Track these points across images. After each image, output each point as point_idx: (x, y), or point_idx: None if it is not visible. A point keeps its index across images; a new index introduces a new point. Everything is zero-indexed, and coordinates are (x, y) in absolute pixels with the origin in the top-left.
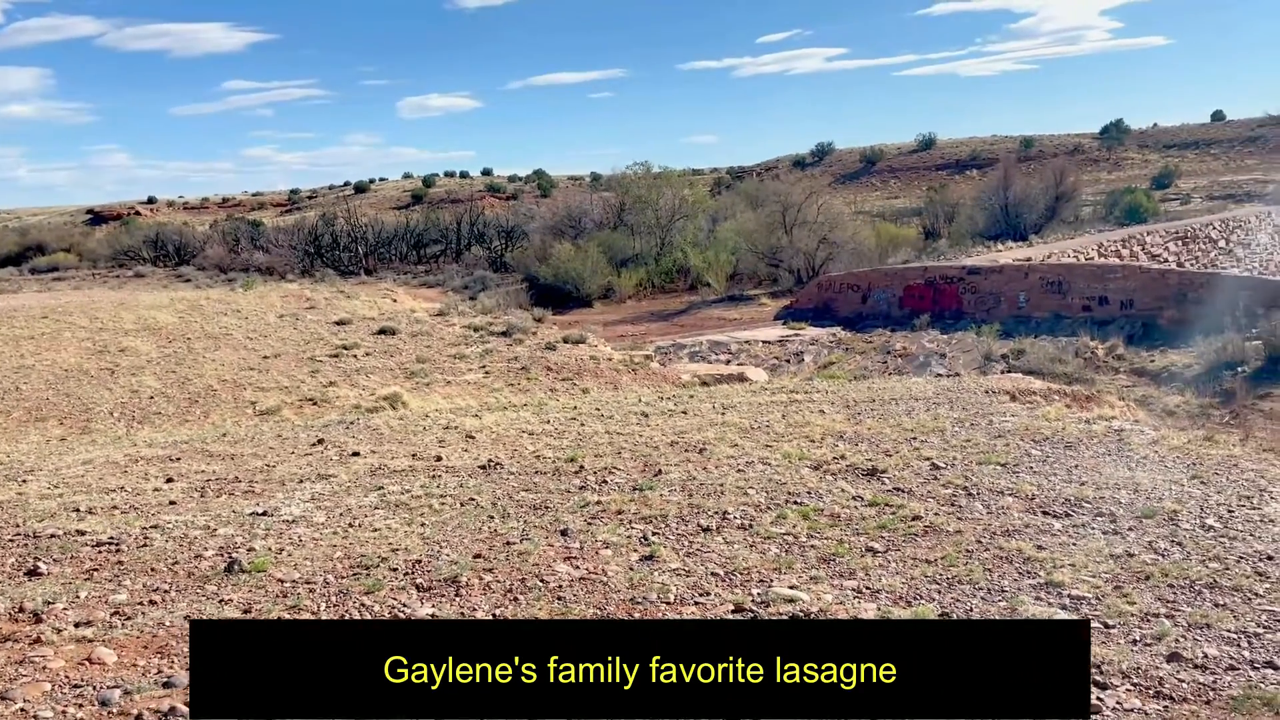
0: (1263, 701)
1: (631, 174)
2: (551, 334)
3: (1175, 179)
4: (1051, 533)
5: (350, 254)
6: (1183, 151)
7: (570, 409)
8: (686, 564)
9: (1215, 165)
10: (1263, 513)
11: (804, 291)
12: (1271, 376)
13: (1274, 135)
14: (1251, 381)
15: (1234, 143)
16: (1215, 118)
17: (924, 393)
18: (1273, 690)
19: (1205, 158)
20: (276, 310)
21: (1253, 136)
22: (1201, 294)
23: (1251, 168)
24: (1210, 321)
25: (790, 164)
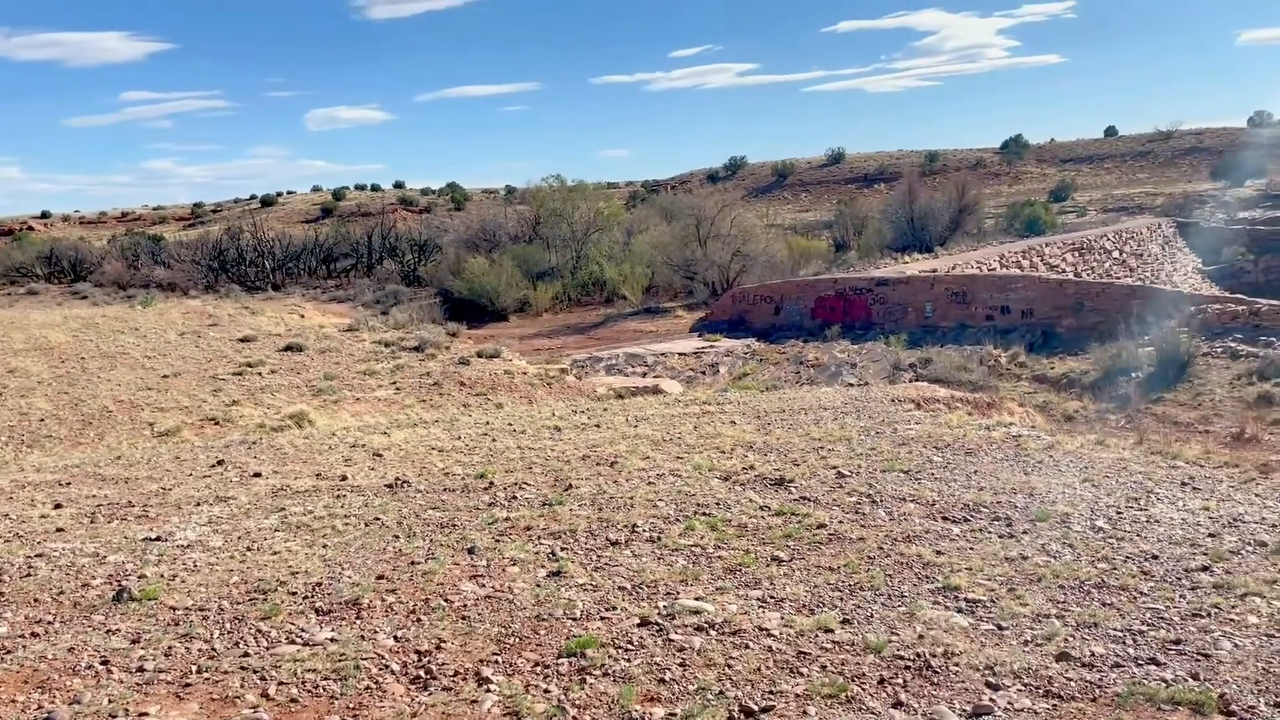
0: (1145, 697)
1: (546, 187)
2: (465, 348)
3: (1072, 192)
4: (950, 537)
5: (257, 269)
6: (1078, 166)
7: (482, 424)
8: (594, 579)
9: (1109, 179)
10: (1149, 514)
11: (719, 304)
12: (1163, 382)
13: (1163, 150)
14: (1144, 387)
15: (1126, 157)
16: (1108, 133)
17: (833, 402)
18: (1155, 686)
19: (1099, 172)
20: (177, 328)
21: (1143, 151)
22: (1097, 303)
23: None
24: (1106, 329)
25: (704, 177)
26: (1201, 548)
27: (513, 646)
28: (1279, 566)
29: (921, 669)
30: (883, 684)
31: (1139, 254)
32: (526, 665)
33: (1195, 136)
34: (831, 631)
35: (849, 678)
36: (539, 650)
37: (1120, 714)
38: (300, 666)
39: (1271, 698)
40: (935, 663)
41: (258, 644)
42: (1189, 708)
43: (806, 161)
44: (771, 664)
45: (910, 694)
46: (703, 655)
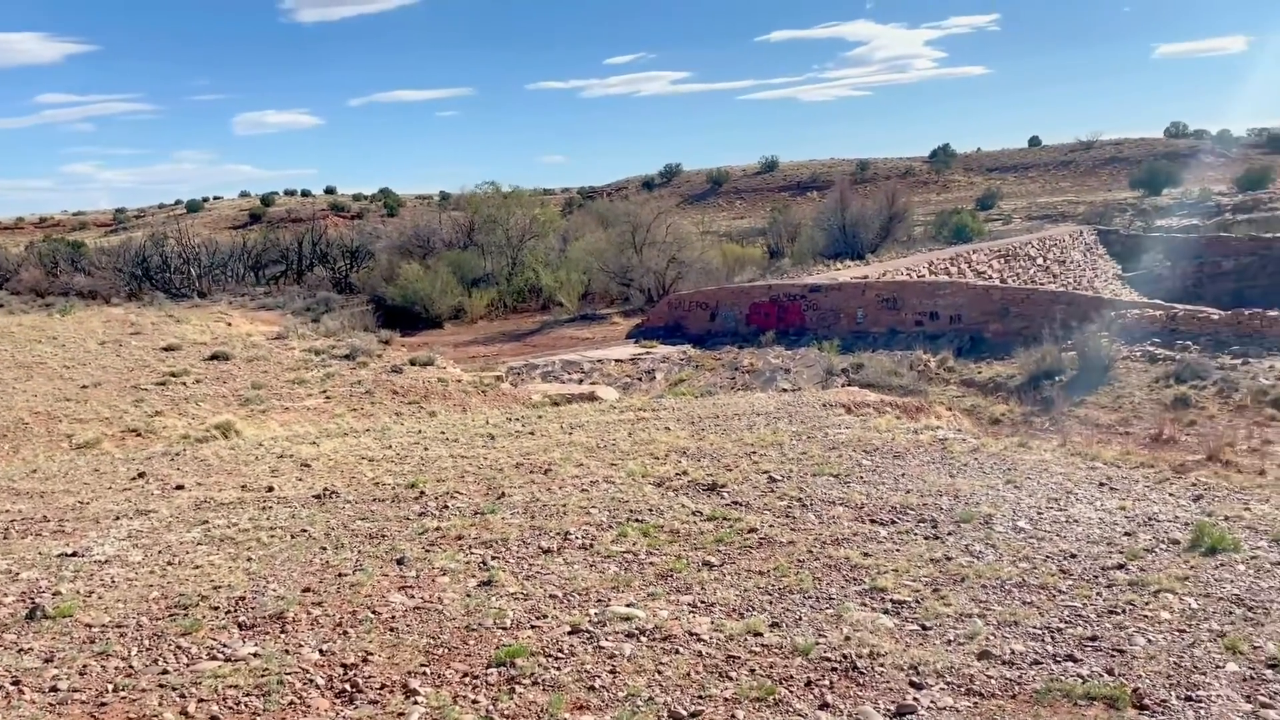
0: (1062, 693)
1: (481, 193)
2: (399, 356)
3: (998, 200)
4: (878, 540)
5: (182, 276)
6: (1004, 175)
7: (414, 433)
8: (525, 587)
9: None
10: (1068, 513)
11: (655, 310)
12: (1085, 385)
13: (1084, 160)
14: (1068, 390)
15: (1049, 166)
16: (1032, 143)
17: (766, 407)
18: (1072, 682)
19: (1024, 180)
20: (98, 336)
21: (1066, 161)
22: (1023, 309)
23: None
24: (1031, 334)
25: (640, 184)
26: (1118, 546)
27: (441, 657)
28: (1190, 564)
29: (848, 670)
30: (810, 686)
31: (1062, 261)
32: (455, 676)
33: (1115, 147)
34: (761, 635)
35: (777, 680)
36: (468, 660)
37: (1038, 710)
38: (221, 683)
39: (1182, 691)
40: (861, 663)
41: (177, 661)
42: (1104, 702)
43: (741, 169)
44: (701, 669)
45: (836, 695)
46: (633, 662)
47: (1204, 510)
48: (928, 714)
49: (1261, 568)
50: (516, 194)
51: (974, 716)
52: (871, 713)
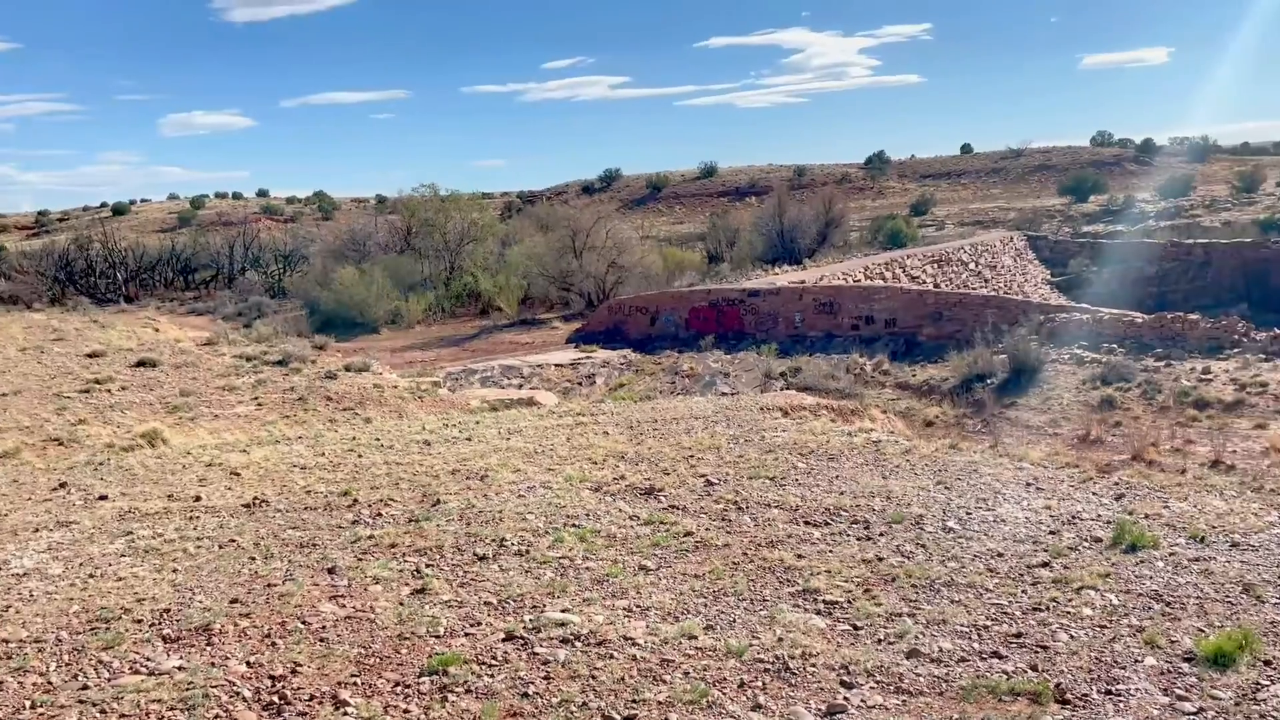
0: (988, 689)
1: (418, 197)
2: (333, 362)
3: (931, 206)
4: (811, 541)
5: (108, 280)
6: (937, 181)
7: (349, 440)
8: (460, 595)
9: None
10: (996, 513)
11: (595, 315)
12: (1015, 387)
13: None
14: (999, 392)
15: (980, 173)
16: (964, 150)
17: (704, 411)
18: (997, 679)
19: (956, 187)
20: (18, 343)
21: (996, 168)
22: (955, 313)
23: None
24: (963, 338)
25: (579, 189)
26: (1043, 545)
27: (373, 667)
28: (1112, 561)
29: (780, 671)
30: (743, 687)
31: (993, 266)
32: (386, 686)
33: (1043, 155)
34: (695, 638)
35: (710, 683)
36: (400, 670)
37: (965, 707)
38: (144, 697)
39: (1103, 685)
40: (793, 664)
41: (98, 675)
42: (1028, 698)
43: (680, 174)
44: (636, 673)
45: (769, 696)
46: (567, 667)
47: (1125, 509)
48: (858, 713)
49: (1179, 564)
50: (454, 198)
51: (902, 714)
52: (803, 713)
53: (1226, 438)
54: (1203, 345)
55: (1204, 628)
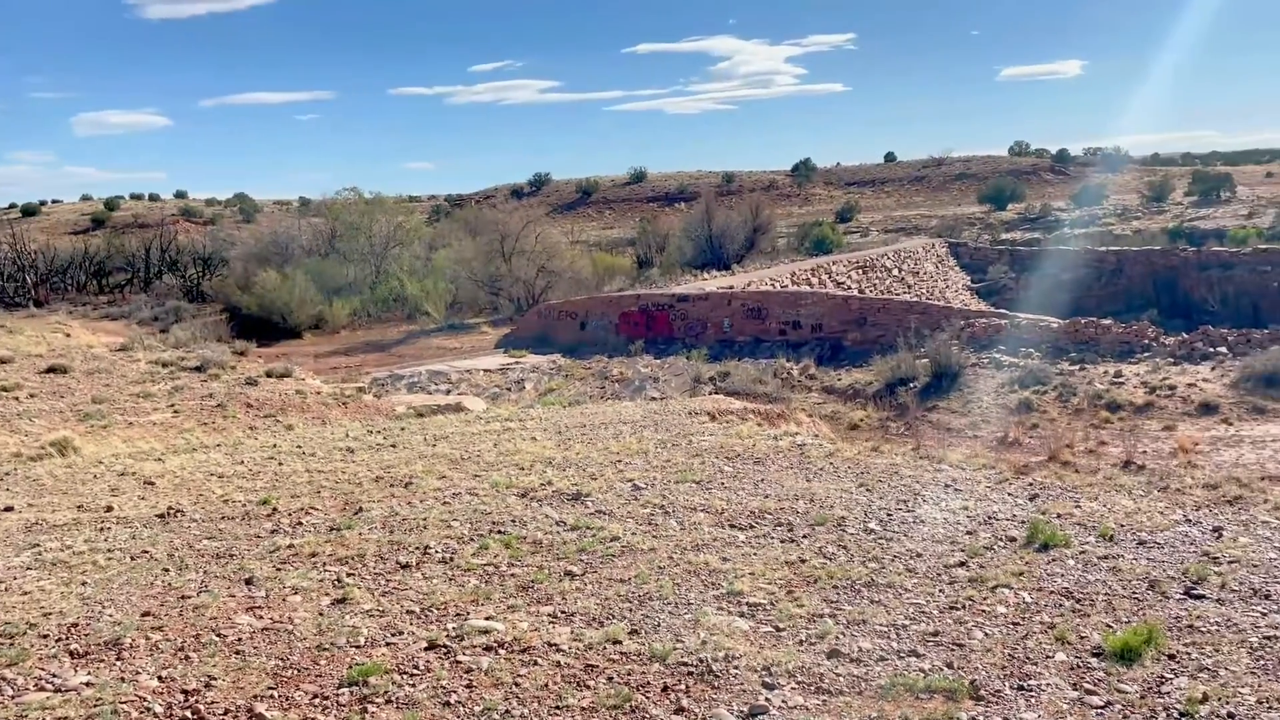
0: (905, 688)
1: (343, 199)
2: (254, 368)
3: (856, 213)
4: (736, 544)
5: (16, 284)
6: (862, 189)
7: (269, 448)
8: (381, 604)
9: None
10: (915, 515)
11: (524, 320)
12: (937, 390)
13: (936, 176)
14: (921, 395)
15: (904, 181)
16: (888, 159)
17: (632, 416)
18: (915, 677)
19: (880, 194)
20: None
21: (919, 176)
22: (879, 318)
23: (919, 204)
24: (887, 342)
25: (509, 193)
26: (960, 545)
27: (290, 679)
28: (1025, 560)
29: (703, 674)
30: (666, 691)
31: (916, 272)
32: (304, 698)
33: (964, 163)
34: (620, 643)
35: (634, 687)
36: (318, 681)
37: (883, 705)
38: (50, 715)
39: (1015, 681)
40: (716, 667)
41: (1, 694)
42: (943, 695)
43: (610, 179)
44: (559, 679)
45: (691, 699)
46: (490, 675)
47: (1039, 509)
48: (779, 713)
49: (1089, 562)
50: (380, 200)
51: (822, 714)
52: (725, 715)
53: (1137, 439)
54: (1115, 350)
55: (1112, 624)
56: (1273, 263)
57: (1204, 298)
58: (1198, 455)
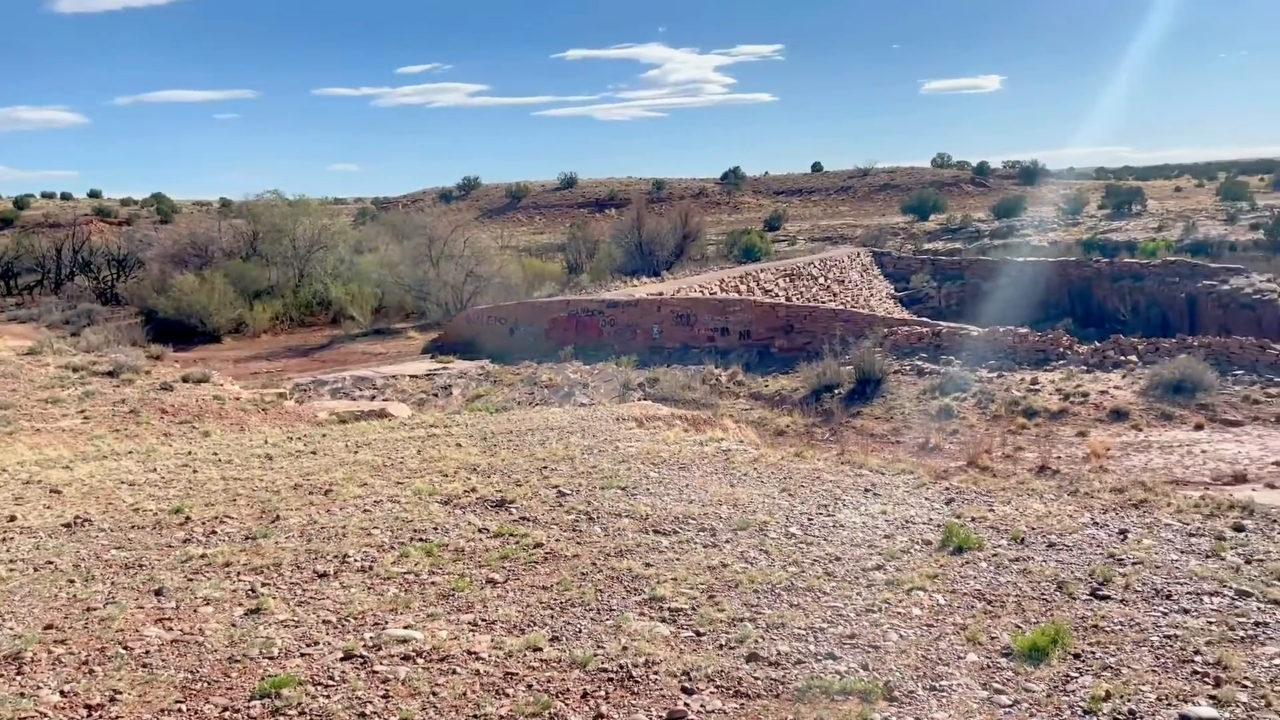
0: (822, 690)
1: (265, 201)
2: (170, 373)
3: (784, 222)
4: (660, 550)
5: None
6: (789, 198)
7: (184, 454)
8: (297, 614)
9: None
10: (836, 519)
11: (452, 325)
12: (861, 397)
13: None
14: (846, 402)
15: (830, 191)
16: (815, 169)
17: (560, 422)
18: (831, 679)
19: (808, 204)
20: None
21: (845, 186)
22: (805, 325)
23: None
24: (813, 349)
25: (437, 196)
26: (877, 548)
27: (199, 692)
28: (940, 562)
29: (624, 679)
30: (586, 698)
31: (841, 280)
32: (214, 711)
33: (888, 174)
34: (540, 650)
35: (554, 694)
36: (229, 694)
37: (799, 707)
38: None
39: (928, 682)
40: (637, 672)
41: None
42: (858, 697)
43: (540, 185)
44: (478, 687)
45: (611, 705)
46: (408, 685)
47: (954, 512)
48: (697, 718)
49: (1001, 564)
50: (304, 202)
51: (740, 717)
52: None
53: (1052, 444)
54: (1032, 357)
55: (1021, 624)
56: (1180, 274)
57: (1116, 308)
58: (1109, 460)
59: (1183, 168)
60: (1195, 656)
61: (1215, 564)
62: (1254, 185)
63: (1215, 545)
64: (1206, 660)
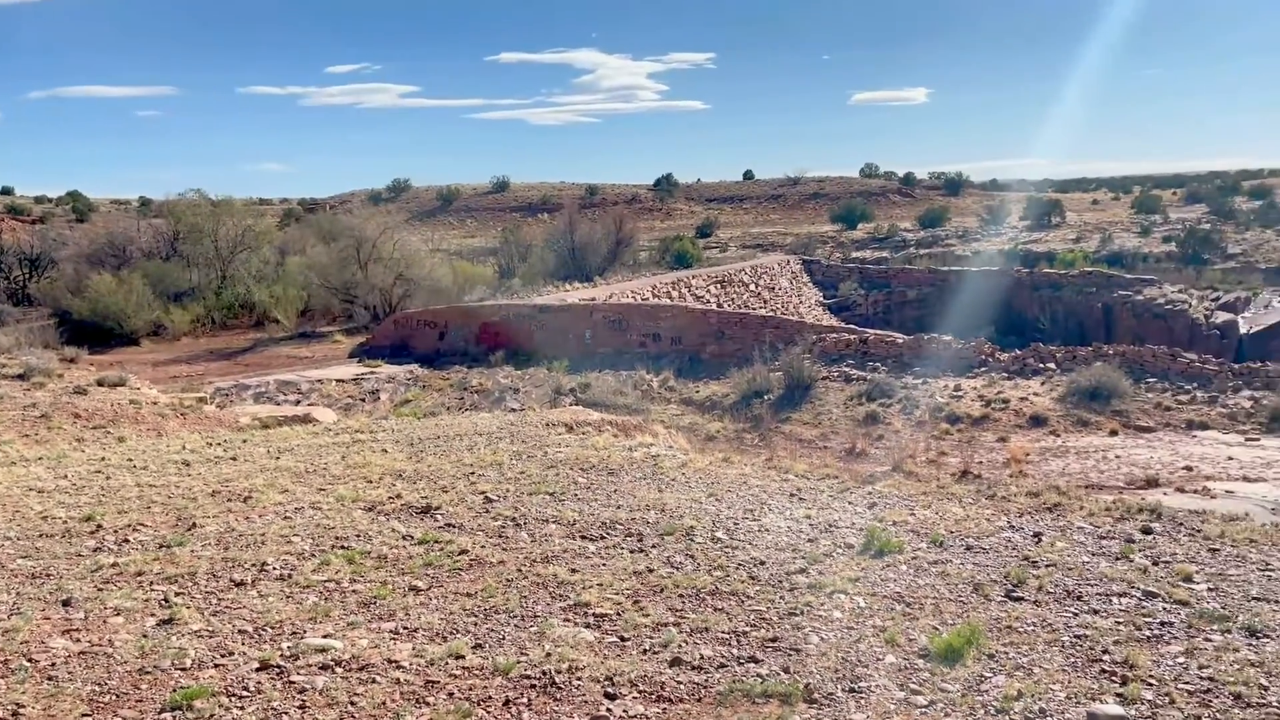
0: (743, 693)
1: (187, 200)
2: (84, 376)
3: (715, 229)
4: (586, 555)
5: None
6: (721, 205)
7: (97, 460)
8: (212, 624)
9: (747, 218)
10: (761, 523)
11: (381, 329)
12: (790, 403)
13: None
14: (775, 407)
15: (761, 199)
16: (746, 176)
17: (489, 428)
18: (752, 682)
19: (739, 211)
20: None
21: (776, 195)
22: (736, 331)
23: (775, 221)
24: (743, 355)
25: (366, 198)
26: (801, 552)
27: (107, 705)
28: (861, 566)
29: (546, 686)
30: (508, 705)
31: (772, 287)
32: None
33: (818, 183)
34: (463, 658)
35: (475, 702)
36: (138, 707)
37: (720, 711)
38: None
39: (847, 684)
40: (560, 679)
41: None
42: (779, 699)
43: (472, 188)
44: (398, 696)
45: (533, 712)
46: (325, 695)
47: (877, 516)
48: None
49: (920, 567)
50: (227, 203)
51: None
52: None
53: (974, 449)
54: (955, 364)
55: (938, 626)
56: (1097, 284)
57: (1036, 316)
58: (1028, 465)
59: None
60: (1104, 656)
61: (1124, 566)
62: (1167, 199)
63: (1124, 548)
64: (1114, 659)
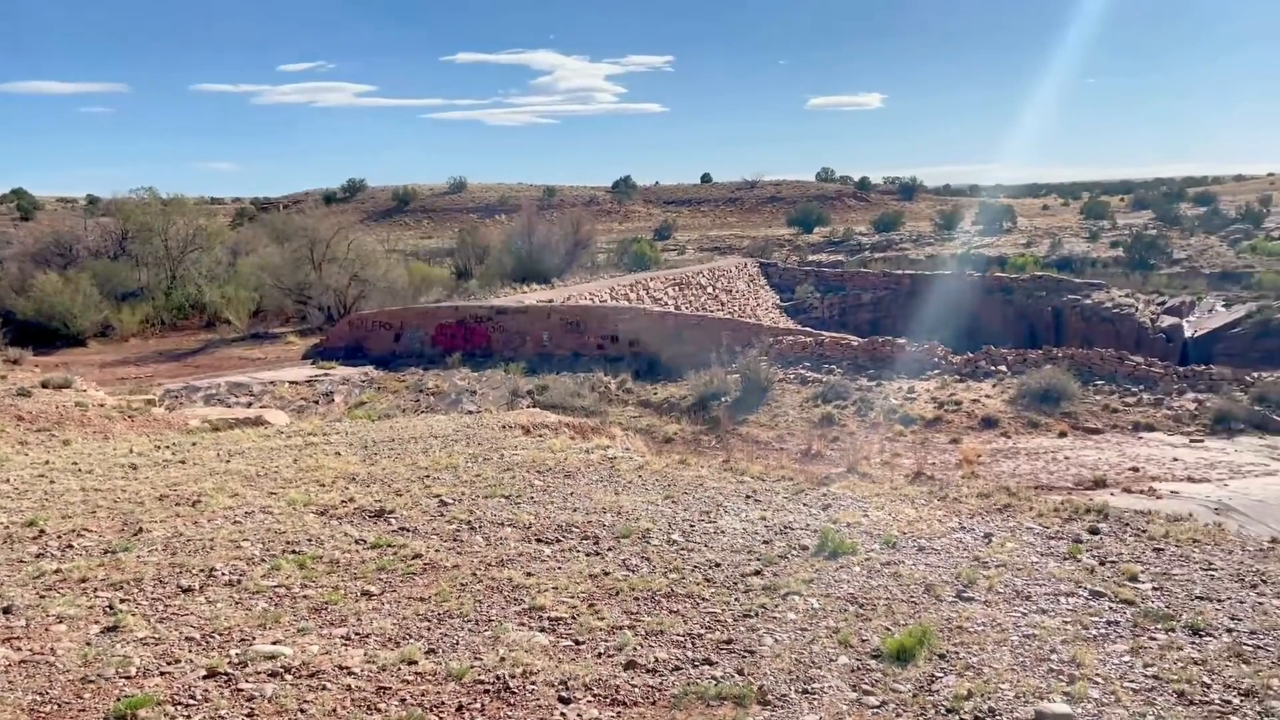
0: (698, 695)
1: (136, 199)
2: (29, 378)
3: (673, 231)
4: (541, 559)
5: None
6: (679, 208)
7: (40, 464)
8: (158, 631)
9: (704, 221)
10: (717, 525)
11: (335, 330)
12: (747, 404)
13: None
14: (732, 409)
15: (719, 202)
16: (704, 180)
17: (444, 430)
18: (707, 685)
19: (697, 214)
20: None
21: (733, 198)
22: (694, 334)
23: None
24: (701, 358)
25: (320, 198)
26: (756, 554)
27: (49, 715)
28: (816, 567)
29: (500, 691)
30: (461, 710)
31: (729, 290)
32: None
33: (775, 187)
34: (415, 663)
35: (428, 708)
36: (80, 716)
37: (675, 714)
38: None
39: (801, 685)
40: (514, 683)
41: None
42: (733, 701)
43: (429, 188)
44: (349, 703)
45: (487, 717)
46: (274, 702)
47: (831, 518)
48: None
49: (873, 568)
50: (178, 202)
51: None
52: None
53: (928, 451)
54: (909, 367)
55: (890, 626)
56: (1047, 288)
57: (988, 319)
58: (980, 466)
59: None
60: (1051, 655)
61: (1072, 566)
62: (1115, 205)
63: (1072, 548)
64: (1062, 658)
